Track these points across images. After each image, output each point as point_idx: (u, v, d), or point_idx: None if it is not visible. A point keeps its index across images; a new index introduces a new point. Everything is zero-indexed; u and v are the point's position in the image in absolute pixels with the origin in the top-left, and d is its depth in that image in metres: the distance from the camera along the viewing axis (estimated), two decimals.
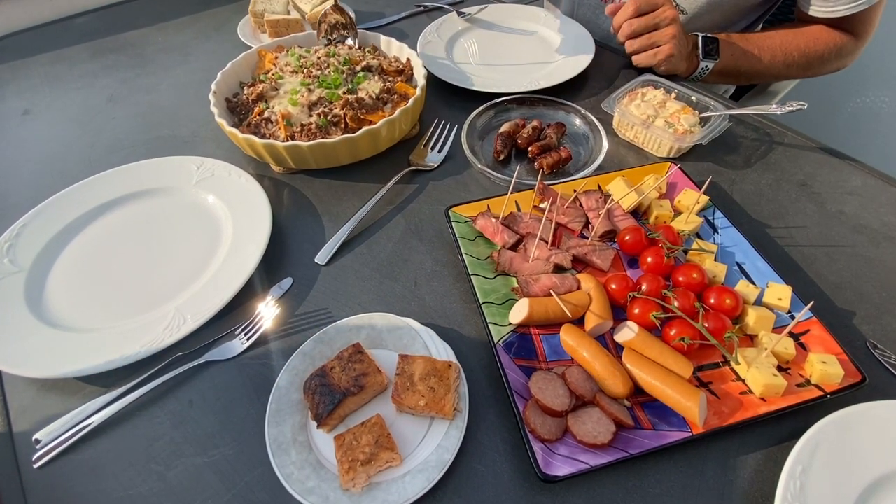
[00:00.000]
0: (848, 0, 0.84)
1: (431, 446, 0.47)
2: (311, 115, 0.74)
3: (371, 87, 0.78)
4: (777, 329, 0.53)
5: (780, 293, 0.55)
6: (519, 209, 0.67)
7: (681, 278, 0.57)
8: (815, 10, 0.89)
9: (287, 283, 0.62)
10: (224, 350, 0.55)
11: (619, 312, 0.57)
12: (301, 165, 0.73)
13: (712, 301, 0.55)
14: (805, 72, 0.94)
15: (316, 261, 0.64)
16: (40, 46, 1.08)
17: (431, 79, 0.87)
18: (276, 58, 0.84)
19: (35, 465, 0.48)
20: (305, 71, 0.79)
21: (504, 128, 0.79)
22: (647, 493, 0.45)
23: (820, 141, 0.79)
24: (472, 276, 0.58)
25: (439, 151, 0.78)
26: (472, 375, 0.53)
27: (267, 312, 0.58)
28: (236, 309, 0.59)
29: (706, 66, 0.87)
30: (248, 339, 0.56)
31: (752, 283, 0.58)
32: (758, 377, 0.48)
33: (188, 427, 0.50)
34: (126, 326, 0.57)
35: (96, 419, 0.50)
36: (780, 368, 0.50)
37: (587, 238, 0.64)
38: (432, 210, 0.70)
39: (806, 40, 0.90)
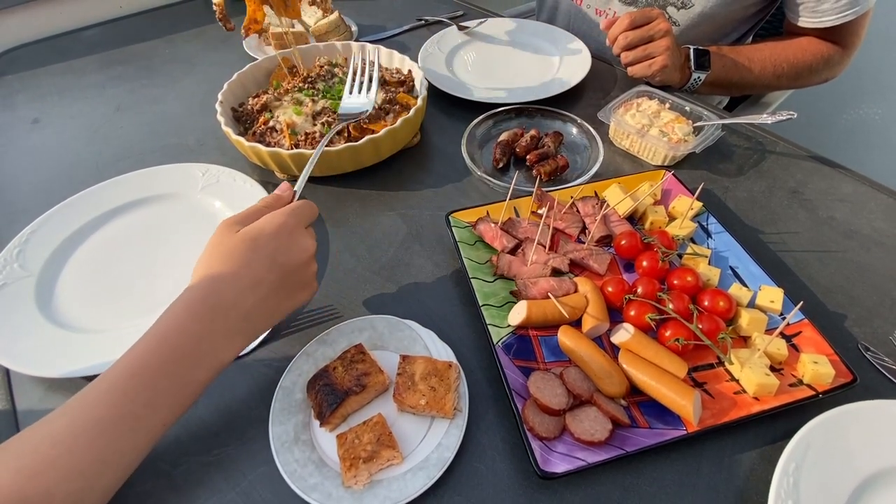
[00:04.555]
0: (835, 11, 0.87)
1: (432, 445, 0.48)
2: (315, 125, 0.76)
3: None
4: (770, 330, 0.55)
5: (772, 296, 0.57)
6: (517, 215, 0.69)
7: (675, 281, 0.58)
8: (804, 21, 0.92)
9: None
10: None
11: (615, 314, 0.58)
12: None
13: (706, 303, 0.56)
14: (794, 82, 0.96)
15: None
16: (50, 57, 1.11)
17: (432, 90, 0.89)
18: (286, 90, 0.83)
19: None
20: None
21: (503, 137, 0.81)
22: (643, 490, 0.46)
23: (813, 150, 0.81)
24: (471, 280, 0.60)
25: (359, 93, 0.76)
26: (471, 376, 0.54)
27: None
28: None
29: (698, 77, 0.90)
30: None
31: (745, 286, 0.59)
32: (751, 377, 0.49)
33: (193, 426, 0.51)
34: (135, 327, 0.58)
35: None
36: (772, 369, 0.51)
37: (584, 243, 0.65)
38: (433, 216, 0.72)
39: (794, 51, 0.93)
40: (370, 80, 0.78)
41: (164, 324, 0.46)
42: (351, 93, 0.77)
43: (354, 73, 0.79)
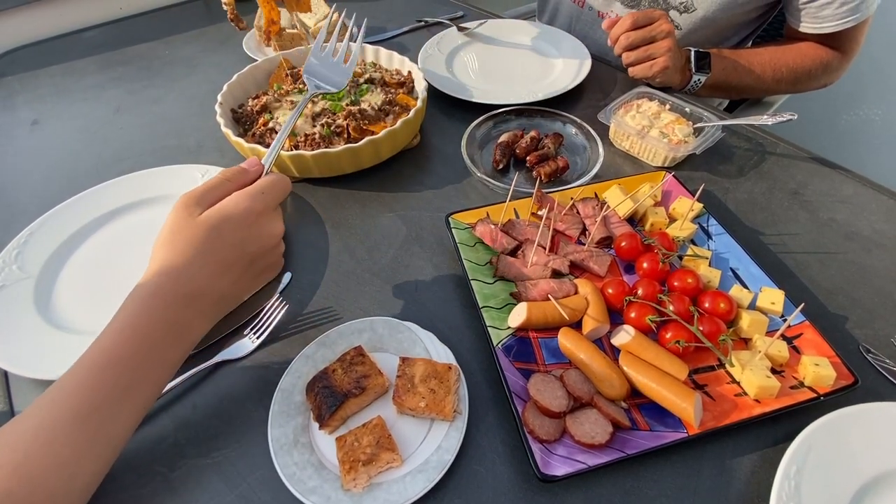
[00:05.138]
0: (836, 17, 0.88)
1: (432, 447, 0.47)
2: (314, 126, 0.76)
3: (373, 98, 0.81)
4: (770, 332, 0.55)
5: (773, 297, 0.57)
6: (517, 216, 0.69)
7: (676, 283, 0.58)
8: (805, 27, 0.92)
9: (286, 277, 0.64)
10: (235, 349, 0.57)
11: (615, 316, 0.58)
12: (304, 174, 0.75)
13: (707, 305, 0.56)
14: (793, 87, 0.97)
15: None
16: (49, 59, 1.11)
17: (432, 91, 0.89)
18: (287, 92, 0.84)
19: None
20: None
21: (503, 138, 0.81)
22: (644, 493, 0.46)
23: (813, 152, 0.81)
24: (471, 281, 0.59)
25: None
26: (471, 378, 0.54)
27: (274, 311, 0.59)
28: (239, 313, 0.60)
29: (698, 80, 0.90)
30: (258, 338, 0.57)
31: (746, 287, 0.59)
32: (752, 379, 0.49)
33: (191, 429, 0.51)
34: None
35: None
36: (774, 371, 0.51)
37: (584, 244, 0.65)
38: (432, 217, 0.72)
39: (794, 56, 0.93)
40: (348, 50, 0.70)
41: (135, 312, 0.45)
42: (322, 52, 0.68)
43: (331, 32, 0.70)
